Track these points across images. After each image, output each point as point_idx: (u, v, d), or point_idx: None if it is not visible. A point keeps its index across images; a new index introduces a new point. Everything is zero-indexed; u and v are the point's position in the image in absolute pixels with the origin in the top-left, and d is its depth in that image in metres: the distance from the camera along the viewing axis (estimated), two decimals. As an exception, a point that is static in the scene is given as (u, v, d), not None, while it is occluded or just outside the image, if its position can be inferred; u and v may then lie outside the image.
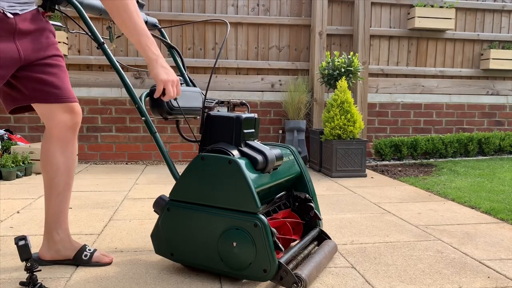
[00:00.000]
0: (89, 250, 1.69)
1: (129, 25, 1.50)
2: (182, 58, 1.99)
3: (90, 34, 1.65)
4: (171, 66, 1.74)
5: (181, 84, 1.79)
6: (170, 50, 2.00)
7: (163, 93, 1.54)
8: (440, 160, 4.51)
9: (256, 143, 1.60)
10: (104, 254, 1.72)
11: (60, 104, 1.59)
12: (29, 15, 1.50)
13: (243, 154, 1.53)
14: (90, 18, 1.65)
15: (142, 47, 1.51)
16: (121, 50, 4.37)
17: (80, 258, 1.67)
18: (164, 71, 1.52)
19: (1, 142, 3.74)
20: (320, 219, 1.80)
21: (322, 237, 1.80)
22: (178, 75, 1.81)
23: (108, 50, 1.65)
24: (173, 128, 4.43)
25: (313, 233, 1.76)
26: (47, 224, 1.68)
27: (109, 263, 1.69)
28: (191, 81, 1.96)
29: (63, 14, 1.71)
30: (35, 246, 1.87)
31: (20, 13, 1.47)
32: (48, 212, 1.67)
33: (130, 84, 1.65)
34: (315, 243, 1.77)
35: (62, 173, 1.64)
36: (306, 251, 1.65)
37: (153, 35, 1.88)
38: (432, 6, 4.64)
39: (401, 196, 2.95)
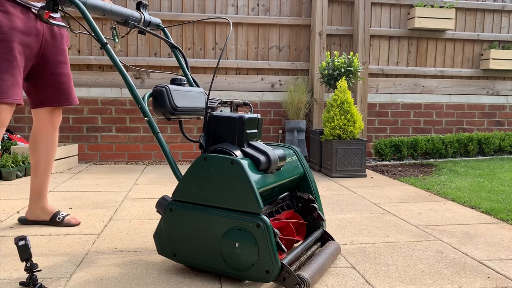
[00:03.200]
0: (62, 214, 2.19)
1: None
2: (185, 58, 1.98)
3: (93, 34, 1.65)
4: (167, 66, 1.74)
5: (184, 84, 1.79)
6: (174, 50, 2.00)
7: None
8: (440, 160, 4.52)
9: (259, 144, 1.60)
10: (73, 218, 2.20)
11: (60, 107, 2.07)
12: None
13: (245, 155, 1.53)
14: (93, 18, 1.65)
15: None
16: (121, 50, 4.36)
17: (54, 220, 2.16)
18: None
19: (1, 142, 3.73)
20: (323, 220, 1.80)
21: (326, 238, 1.79)
22: (181, 75, 1.81)
23: (111, 50, 1.65)
24: (173, 128, 4.43)
25: (317, 234, 1.75)
26: (31, 195, 2.16)
27: (76, 225, 2.18)
28: (194, 81, 1.96)
29: (66, 15, 1.71)
30: (35, 246, 1.87)
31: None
32: (32, 187, 2.16)
33: (133, 85, 1.65)
34: (319, 244, 1.77)
35: (43, 158, 2.13)
36: (309, 252, 1.65)
37: (155, 35, 1.89)
38: (432, 6, 4.65)
39: (401, 196, 2.96)
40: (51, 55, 1.98)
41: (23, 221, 2.19)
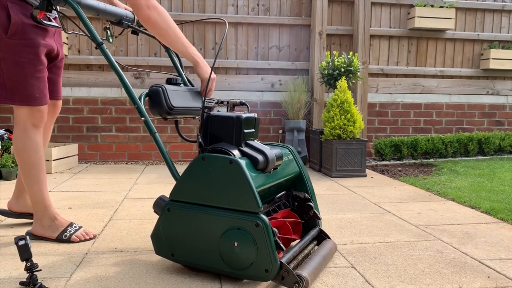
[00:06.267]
0: None
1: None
2: (179, 58, 1.98)
3: (88, 34, 1.65)
4: (168, 66, 1.75)
5: (180, 84, 1.80)
6: (167, 49, 2.00)
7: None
8: (440, 160, 4.52)
9: (257, 143, 1.60)
10: None
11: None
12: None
13: (243, 154, 1.53)
14: (88, 18, 1.65)
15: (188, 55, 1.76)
16: (121, 50, 4.37)
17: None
18: (208, 70, 1.76)
19: (1, 142, 3.73)
20: (319, 219, 1.80)
21: (322, 236, 1.80)
22: (175, 75, 1.81)
23: (107, 50, 1.65)
24: (173, 128, 4.43)
25: (313, 232, 1.76)
26: (22, 187, 2.10)
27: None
28: (189, 81, 1.96)
29: (61, 14, 1.72)
30: (35, 246, 1.87)
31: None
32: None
33: (129, 84, 1.65)
34: (315, 242, 1.77)
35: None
36: (306, 251, 1.65)
37: (149, 34, 1.89)
38: (432, 6, 4.65)
39: (401, 196, 2.95)
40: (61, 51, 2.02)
41: (5, 212, 2.16)
